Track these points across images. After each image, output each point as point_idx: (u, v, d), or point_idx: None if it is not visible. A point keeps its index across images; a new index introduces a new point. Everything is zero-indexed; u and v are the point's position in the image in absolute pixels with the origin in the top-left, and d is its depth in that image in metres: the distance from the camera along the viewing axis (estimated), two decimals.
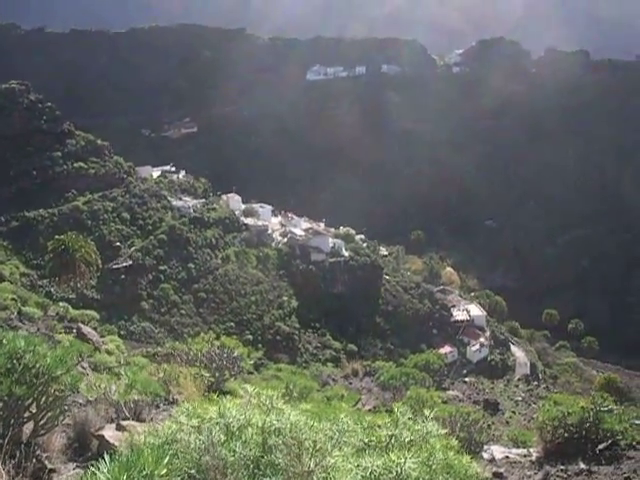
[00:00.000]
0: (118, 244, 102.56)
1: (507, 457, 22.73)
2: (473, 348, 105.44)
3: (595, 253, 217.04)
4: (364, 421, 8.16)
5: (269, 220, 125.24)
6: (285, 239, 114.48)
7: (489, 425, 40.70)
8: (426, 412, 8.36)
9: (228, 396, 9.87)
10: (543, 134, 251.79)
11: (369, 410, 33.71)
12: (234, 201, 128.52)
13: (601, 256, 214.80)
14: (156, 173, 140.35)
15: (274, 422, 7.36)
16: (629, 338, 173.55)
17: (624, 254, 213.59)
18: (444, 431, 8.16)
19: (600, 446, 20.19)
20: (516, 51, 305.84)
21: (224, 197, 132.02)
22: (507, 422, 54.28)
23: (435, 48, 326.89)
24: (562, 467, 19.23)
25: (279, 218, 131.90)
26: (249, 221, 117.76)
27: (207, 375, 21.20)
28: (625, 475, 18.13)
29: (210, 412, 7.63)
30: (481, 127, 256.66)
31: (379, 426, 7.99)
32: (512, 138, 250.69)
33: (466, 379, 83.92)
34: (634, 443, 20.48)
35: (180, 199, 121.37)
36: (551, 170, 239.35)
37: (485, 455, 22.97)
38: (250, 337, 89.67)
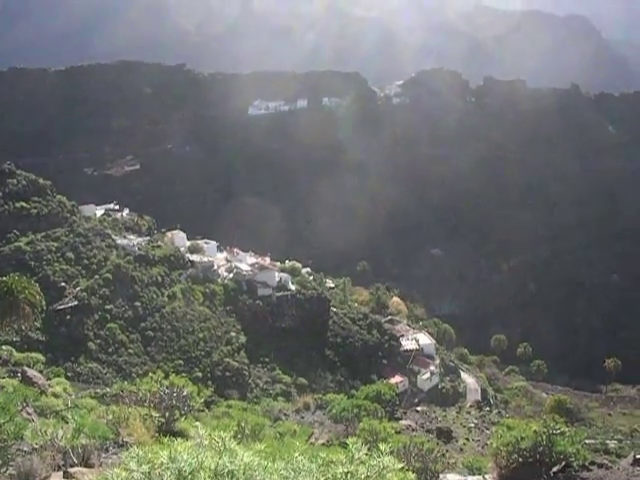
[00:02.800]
0: (63, 284, 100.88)
1: None
2: (424, 377, 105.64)
3: (540, 277, 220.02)
4: (319, 458, 7.98)
5: (215, 256, 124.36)
6: (231, 275, 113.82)
7: (443, 454, 40.67)
8: (381, 446, 8.22)
9: (179, 438, 9.62)
10: (483, 162, 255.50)
11: (322, 444, 33.49)
12: (179, 238, 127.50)
13: (546, 280, 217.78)
14: (100, 212, 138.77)
15: (227, 464, 7.17)
16: (576, 359, 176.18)
17: (568, 277, 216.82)
18: (400, 465, 8.03)
19: (554, 469, 20.25)
20: (455, 81, 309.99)
21: (168, 234, 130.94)
22: (461, 449, 54.28)
23: (375, 79, 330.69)
24: None
25: (224, 254, 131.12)
26: (194, 258, 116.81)
27: (157, 415, 20.86)
28: None
29: (161, 457, 7.40)
30: (420, 156, 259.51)
31: (334, 463, 7.83)
32: (452, 166, 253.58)
33: (418, 408, 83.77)
34: (586, 464, 20.62)
35: (125, 237, 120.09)
36: (491, 198, 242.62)
37: None
38: (199, 374, 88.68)
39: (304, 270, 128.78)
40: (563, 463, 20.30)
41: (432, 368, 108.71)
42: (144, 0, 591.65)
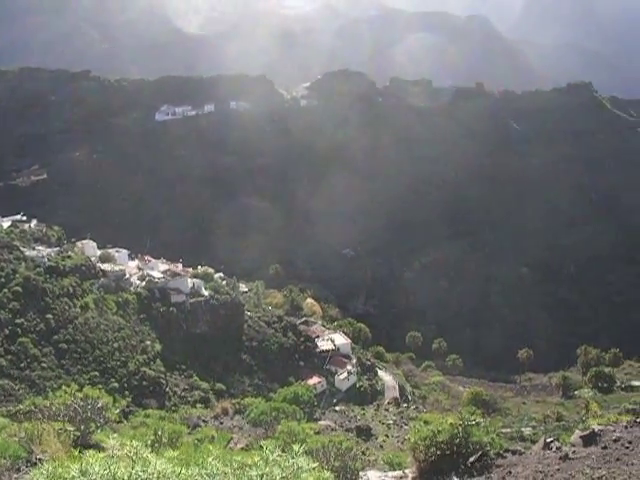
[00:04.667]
0: None
1: None
2: (341, 376, 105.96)
3: (452, 274, 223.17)
4: (234, 462, 7.90)
5: (126, 264, 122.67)
6: (144, 283, 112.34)
7: (363, 451, 40.95)
8: (295, 447, 8.18)
9: (92, 450, 9.39)
10: (388, 160, 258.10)
11: (242, 449, 33.28)
12: (89, 247, 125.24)
13: (458, 276, 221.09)
14: (6, 223, 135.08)
15: (140, 473, 7.02)
16: (490, 352, 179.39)
17: (479, 272, 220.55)
18: (315, 465, 7.99)
19: (471, 459, 20.55)
20: (362, 82, 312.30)
21: (79, 244, 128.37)
22: (381, 446, 54.72)
23: (282, 82, 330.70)
24: None
25: (136, 262, 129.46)
26: (106, 267, 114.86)
27: (72, 429, 20.38)
28: None
29: (72, 471, 7.20)
30: (334, 158, 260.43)
31: (249, 466, 7.76)
32: (360, 166, 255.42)
33: (337, 408, 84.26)
34: (502, 451, 21.03)
35: (33, 249, 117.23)
36: (401, 196, 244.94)
37: None
38: (116, 385, 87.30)
39: (217, 275, 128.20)
40: (479, 453, 20.63)
41: (349, 368, 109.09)
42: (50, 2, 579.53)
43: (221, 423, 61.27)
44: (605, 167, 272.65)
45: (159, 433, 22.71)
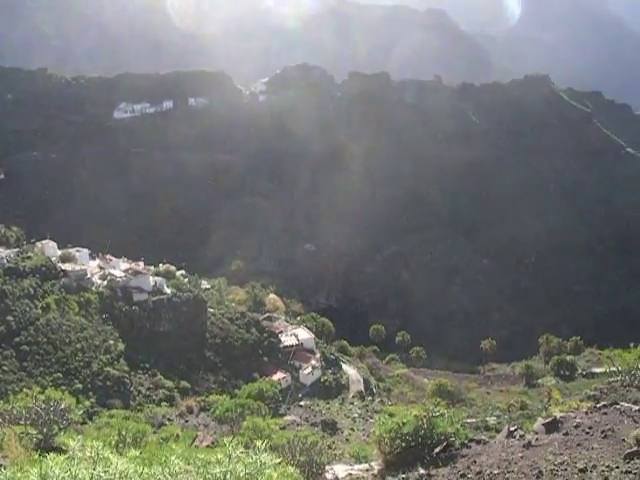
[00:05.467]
0: None
1: (350, 474, 22.86)
2: (305, 371, 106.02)
3: (413, 266, 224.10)
4: (197, 460, 7.84)
5: (87, 264, 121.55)
6: (105, 282, 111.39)
7: (329, 445, 40.99)
8: (258, 443, 8.15)
9: (55, 453, 9.27)
10: (352, 155, 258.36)
11: (207, 446, 33.18)
12: (49, 247, 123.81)
13: (419, 268, 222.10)
14: None
15: (101, 474, 6.95)
16: (453, 343, 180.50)
17: (441, 264, 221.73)
18: (278, 460, 7.97)
19: (436, 450, 20.70)
20: (320, 76, 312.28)
21: (38, 244, 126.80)
22: (347, 440, 54.83)
23: (240, 78, 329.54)
24: (403, 476, 19.55)
25: (97, 261, 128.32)
26: (67, 267, 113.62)
27: (34, 432, 20.18)
28: (460, 472, 18.76)
29: (31, 475, 7.09)
30: (293, 153, 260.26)
31: (213, 463, 7.71)
32: (321, 160, 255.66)
33: (302, 403, 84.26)
34: (466, 441, 21.20)
35: None
36: (358, 188, 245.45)
37: (328, 475, 23.00)
38: (80, 386, 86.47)
39: (179, 273, 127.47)
40: (444, 443, 20.78)
41: (313, 362, 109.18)
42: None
43: (186, 421, 61.05)
44: (563, 158, 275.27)
45: (123, 433, 22.52)
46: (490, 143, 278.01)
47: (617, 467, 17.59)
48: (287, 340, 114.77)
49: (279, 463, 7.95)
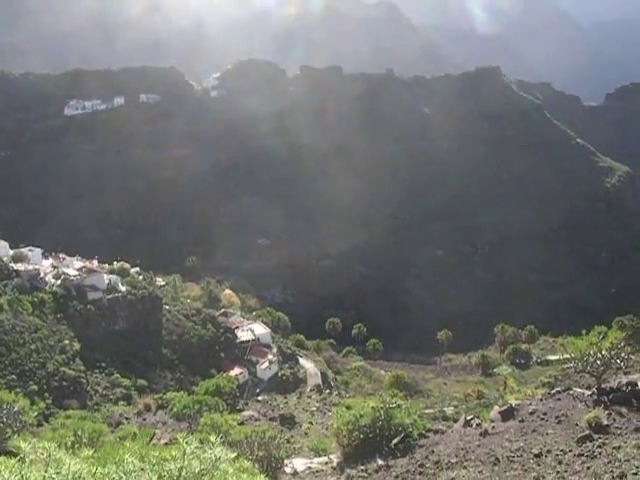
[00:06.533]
0: None
1: (309, 467, 22.91)
2: (262, 366, 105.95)
3: (368, 259, 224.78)
4: (152, 457, 7.76)
5: (40, 263, 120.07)
6: (59, 281, 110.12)
7: (288, 439, 41.02)
8: (212, 438, 8.09)
9: (6, 457, 9.10)
10: (303, 149, 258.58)
11: (165, 444, 33.00)
12: (0, 247, 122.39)
13: (374, 261, 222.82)
14: None
15: (54, 476, 6.83)
16: (409, 335, 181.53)
17: (396, 257, 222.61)
18: (233, 455, 7.93)
19: (394, 441, 20.82)
20: (272, 71, 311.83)
21: None
22: (306, 433, 54.81)
23: (192, 73, 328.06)
24: (362, 467, 19.66)
25: (50, 260, 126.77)
26: (19, 267, 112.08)
27: None
28: (419, 462, 18.92)
29: None
30: (249, 149, 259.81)
31: (168, 460, 7.64)
32: (275, 153, 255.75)
33: (259, 398, 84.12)
34: (424, 432, 21.36)
35: None
36: (316, 186, 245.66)
37: (287, 469, 23.02)
38: (35, 387, 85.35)
39: (133, 270, 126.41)
40: (402, 434, 20.90)
41: (270, 357, 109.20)
42: None
43: (144, 419, 60.64)
44: (514, 149, 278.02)
45: (79, 433, 22.30)
46: (442, 135, 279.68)
47: (570, 451, 17.93)
48: (243, 335, 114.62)
49: (235, 458, 7.91)
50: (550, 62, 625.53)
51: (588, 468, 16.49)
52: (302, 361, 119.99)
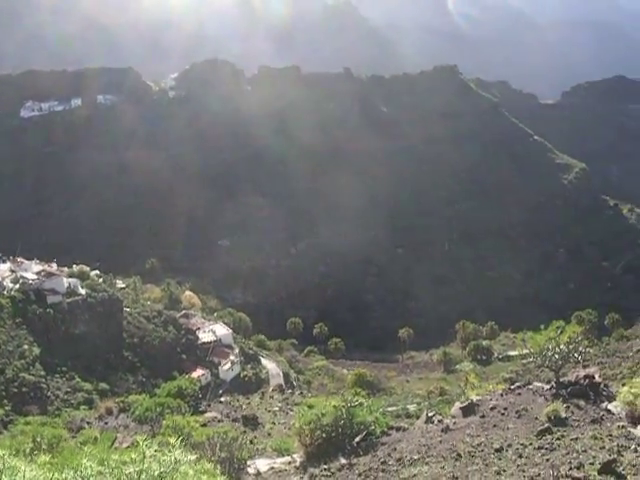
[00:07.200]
0: None
1: (272, 468, 22.95)
2: (225, 367, 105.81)
3: (329, 258, 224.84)
4: (111, 461, 7.71)
5: None
6: (17, 285, 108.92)
7: (251, 440, 40.95)
8: (171, 440, 8.06)
9: None
10: (263, 148, 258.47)
11: (127, 447, 32.83)
12: None
13: (334, 260, 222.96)
14: None
15: None
16: (371, 333, 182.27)
17: (356, 256, 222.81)
18: (193, 457, 7.90)
19: (356, 439, 20.92)
20: (230, 71, 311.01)
21: None
22: (269, 434, 54.73)
23: (149, 74, 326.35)
24: (325, 466, 19.72)
25: (8, 264, 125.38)
26: None
27: None
28: (381, 460, 19.04)
29: None
30: (208, 149, 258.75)
31: (127, 463, 7.59)
32: (235, 155, 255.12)
33: (222, 399, 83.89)
34: (386, 429, 21.48)
35: None
36: (271, 184, 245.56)
37: (250, 470, 23.03)
38: None
39: (93, 273, 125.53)
40: (364, 432, 21.01)
41: (232, 358, 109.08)
42: None
43: (106, 423, 60.18)
44: (472, 146, 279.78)
45: (38, 440, 22.08)
46: (400, 133, 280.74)
47: (530, 444, 18.19)
48: (205, 337, 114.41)
49: (196, 460, 7.89)
50: (507, 61, 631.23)
51: (547, 460, 16.75)
52: (264, 361, 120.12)
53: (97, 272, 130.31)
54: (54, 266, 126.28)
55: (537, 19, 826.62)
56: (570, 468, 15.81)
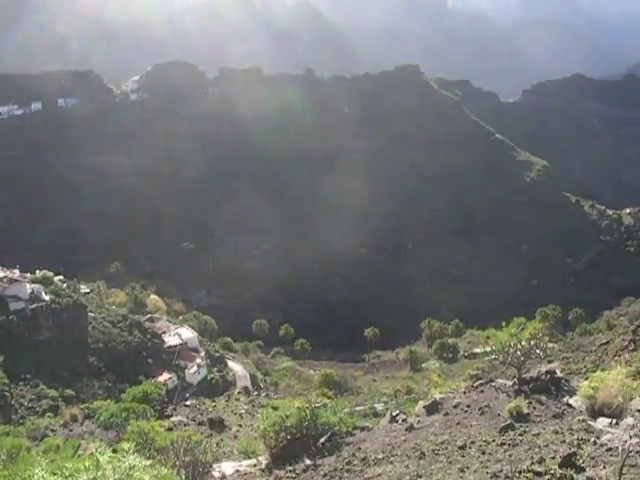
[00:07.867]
0: None
1: (238, 470, 22.89)
2: (191, 370, 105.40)
3: (292, 259, 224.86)
4: (64, 469, 7.59)
5: None
6: None
7: (217, 443, 40.80)
8: (125, 446, 7.99)
9: None
10: (224, 149, 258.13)
11: (91, 454, 32.55)
12: None
13: (298, 260, 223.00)
14: None
15: None
16: (337, 333, 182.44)
17: (319, 255, 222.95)
18: (148, 462, 7.82)
19: (321, 440, 20.94)
20: (191, 72, 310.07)
21: None
22: (235, 436, 54.55)
23: (112, 76, 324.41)
24: (290, 468, 19.76)
25: None
26: None
27: None
28: (346, 460, 19.10)
29: None
30: (175, 151, 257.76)
31: (81, 471, 7.49)
32: (198, 159, 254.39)
33: (187, 402, 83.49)
34: (351, 429, 21.53)
35: None
36: (237, 185, 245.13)
37: (215, 473, 22.96)
38: None
39: (56, 278, 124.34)
40: (329, 433, 21.03)
41: (198, 361, 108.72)
42: None
43: (70, 430, 59.48)
44: (435, 145, 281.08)
45: None
46: (361, 134, 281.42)
47: (493, 440, 18.35)
48: (171, 340, 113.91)
49: (153, 465, 7.82)
50: (469, 60, 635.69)
51: (510, 456, 16.92)
52: (231, 364, 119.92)
53: (61, 277, 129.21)
54: (17, 272, 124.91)
55: (499, 20, 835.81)
56: (532, 463, 15.99)
